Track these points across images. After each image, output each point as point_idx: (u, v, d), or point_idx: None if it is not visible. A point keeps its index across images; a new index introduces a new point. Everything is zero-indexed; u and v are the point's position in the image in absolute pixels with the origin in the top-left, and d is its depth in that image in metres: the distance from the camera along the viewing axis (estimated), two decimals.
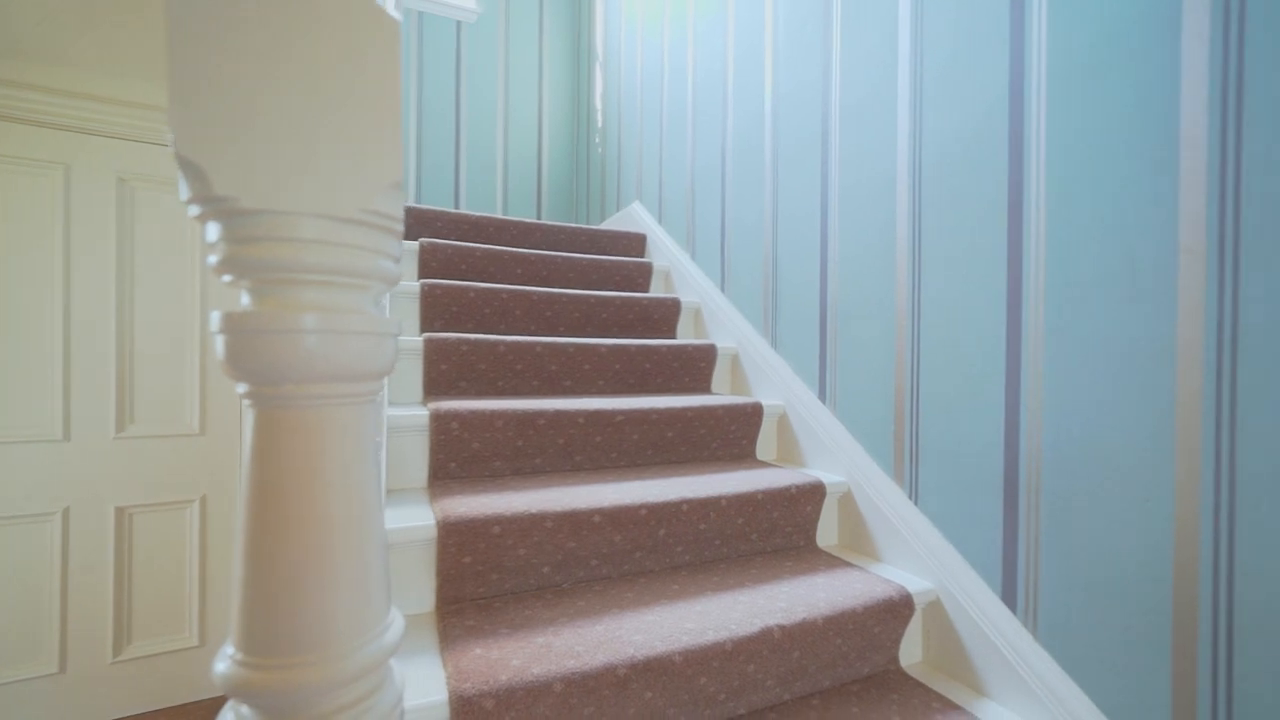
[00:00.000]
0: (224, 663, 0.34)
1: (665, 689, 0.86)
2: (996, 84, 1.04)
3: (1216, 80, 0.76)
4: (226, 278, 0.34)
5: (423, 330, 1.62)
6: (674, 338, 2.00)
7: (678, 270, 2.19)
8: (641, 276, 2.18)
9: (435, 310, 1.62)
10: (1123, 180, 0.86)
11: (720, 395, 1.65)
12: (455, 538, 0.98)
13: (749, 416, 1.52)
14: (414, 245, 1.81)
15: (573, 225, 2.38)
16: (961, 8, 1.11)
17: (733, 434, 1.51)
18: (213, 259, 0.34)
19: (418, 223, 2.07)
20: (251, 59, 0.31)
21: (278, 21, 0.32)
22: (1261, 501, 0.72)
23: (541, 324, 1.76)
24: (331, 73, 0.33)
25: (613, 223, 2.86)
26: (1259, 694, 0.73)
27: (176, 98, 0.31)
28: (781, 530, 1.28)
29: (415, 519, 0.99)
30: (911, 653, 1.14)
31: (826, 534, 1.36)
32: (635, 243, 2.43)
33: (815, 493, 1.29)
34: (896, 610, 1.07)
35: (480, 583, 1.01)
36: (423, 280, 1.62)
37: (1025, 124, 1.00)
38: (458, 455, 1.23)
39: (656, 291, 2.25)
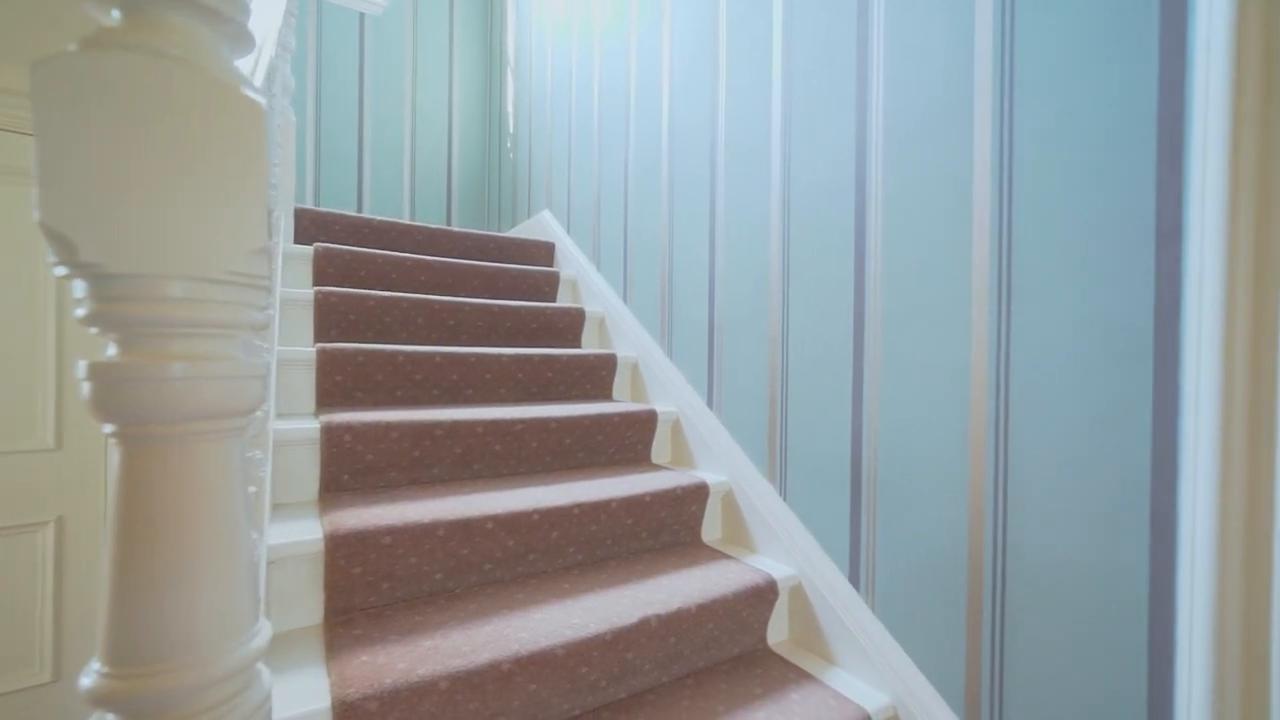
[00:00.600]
0: (90, 678, 0.38)
1: (548, 680, 0.94)
2: (845, 139, 1.21)
3: (996, 153, 0.95)
4: (94, 330, 0.38)
5: (317, 340, 1.59)
6: (579, 346, 2.08)
7: (584, 280, 2.27)
8: (549, 285, 2.24)
9: (331, 319, 1.59)
10: (933, 227, 1.04)
11: (619, 403, 1.75)
12: (344, 550, 1.00)
13: (644, 423, 1.62)
14: (308, 250, 1.77)
15: (481, 232, 2.39)
16: (820, 73, 1.26)
17: (629, 440, 1.61)
18: (80, 312, 0.38)
19: (314, 226, 2.00)
20: (115, 138, 0.36)
21: (140, 104, 0.36)
22: (1025, 493, 0.91)
23: (445, 333, 1.78)
24: (193, 150, 0.38)
25: (523, 230, 2.89)
26: (1021, 640, 0.91)
27: (43, 173, 0.34)
28: (669, 528, 1.39)
29: (302, 533, 1.00)
30: (779, 631, 1.29)
31: (711, 529, 1.49)
32: (544, 251, 2.48)
33: (700, 493, 1.42)
34: (763, 595, 1.21)
35: (371, 592, 1.03)
36: (317, 288, 1.59)
37: (867, 176, 1.16)
38: (351, 467, 1.24)
39: (564, 300, 2.32)
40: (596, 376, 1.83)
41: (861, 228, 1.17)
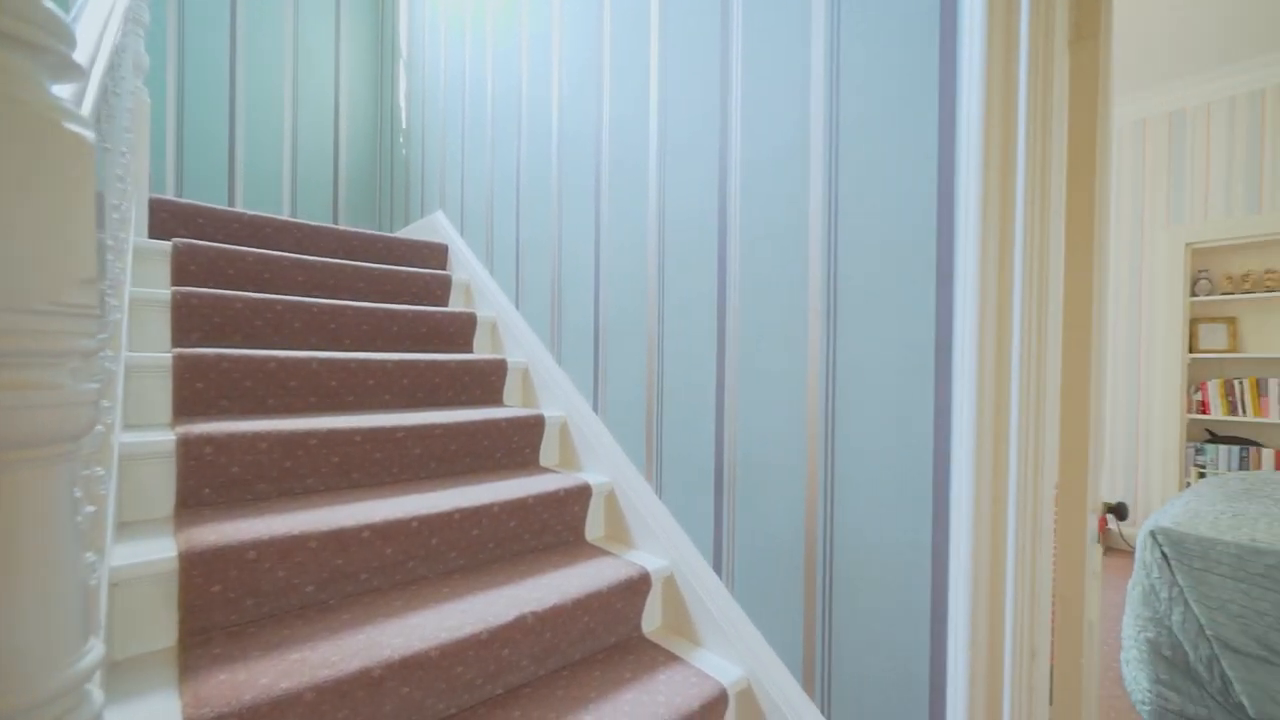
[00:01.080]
0: None
1: (422, 683, 0.96)
2: (710, 169, 1.33)
3: (829, 191, 1.10)
4: None
5: (175, 344, 1.48)
6: (470, 351, 2.08)
7: (478, 284, 2.27)
8: (440, 288, 2.21)
9: (192, 322, 1.49)
10: (777, 253, 1.18)
11: (509, 408, 1.78)
12: (201, 567, 0.96)
13: (532, 428, 1.67)
14: (165, 246, 1.63)
15: (368, 231, 2.31)
16: (693, 105, 1.38)
17: (516, 444, 1.65)
18: None
19: (174, 219, 1.85)
20: None
21: None
22: (848, 484, 1.07)
23: (324, 338, 1.72)
24: (13, 184, 0.39)
25: (416, 230, 2.82)
26: (844, 609, 1.07)
27: None
28: (552, 529, 1.46)
29: (152, 552, 0.96)
30: (653, 619, 1.39)
31: (594, 528, 1.57)
32: (436, 253, 2.44)
33: (583, 494, 1.49)
34: (637, 588, 1.30)
35: (232, 610, 1.01)
36: (176, 288, 1.48)
37: (727, 204, 1.29)
38: (212, 481, 1.18)
39: (457, 304, 2.30)
40: (487, 382, 1.85)
41: (723, 252, 1.30)
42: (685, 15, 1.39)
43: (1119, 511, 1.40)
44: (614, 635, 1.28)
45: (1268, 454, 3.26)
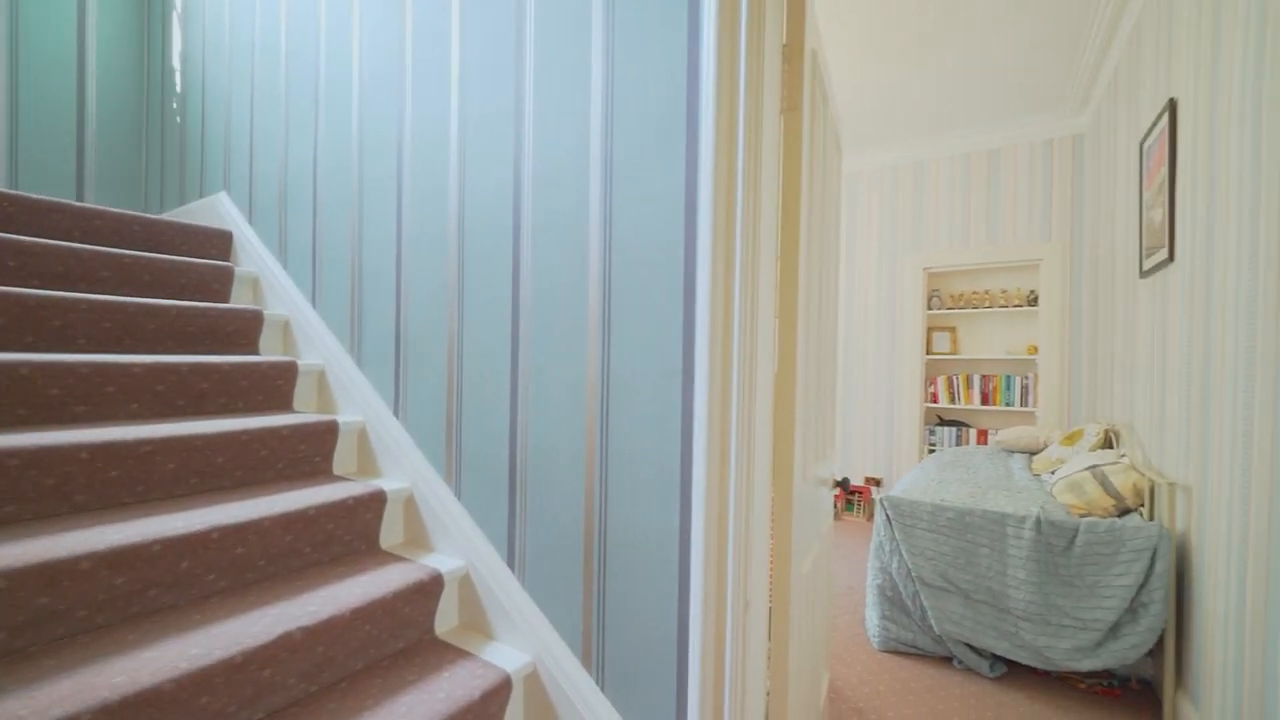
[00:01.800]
0: None
1: None
2: (505, 177, 1.38)
3: (602, 214, 1.22)
4: None
5: None
6: (256, 353, 1.89)
7: (269, 279, 2.06)
8: (220, 282, 1.97)
9: None
10: (564, 266, 1.28)
11: (297, 414, 1.66)
12: None
13: (322, 434, 1.58)
14: None
15: (121, 211, 1.97)
16: (486, 106, 1.42)
17: (303, 453, 1.55)
18: None
19: None
20: None
21: None
22: (618, 476, 1.19)
23: (48, 336, 1.44)
24: None
25: (192, 212, 2.46)
26: (615, 590, 1.20)
27: None
28: (340, 539, 1.40)
29: None
30: (449, 619, 1.41)
31: (392, 535, 1.53)
32: (217, 241, 2.17)
33: (376, 501, 1.45)
34: (428, 590, 1.31)
35: None
36: None
37: (521, 213, 1.36)
38: None
39: (243, 301, 2.07)
40: (272, 387, 1.70)
41: (517, 258, 1.36)
42: (485, 21, 1.43)
43: (844, 485, 1.73)
44: (402, 640, 1.28)
45: (974, 433, 4.21)
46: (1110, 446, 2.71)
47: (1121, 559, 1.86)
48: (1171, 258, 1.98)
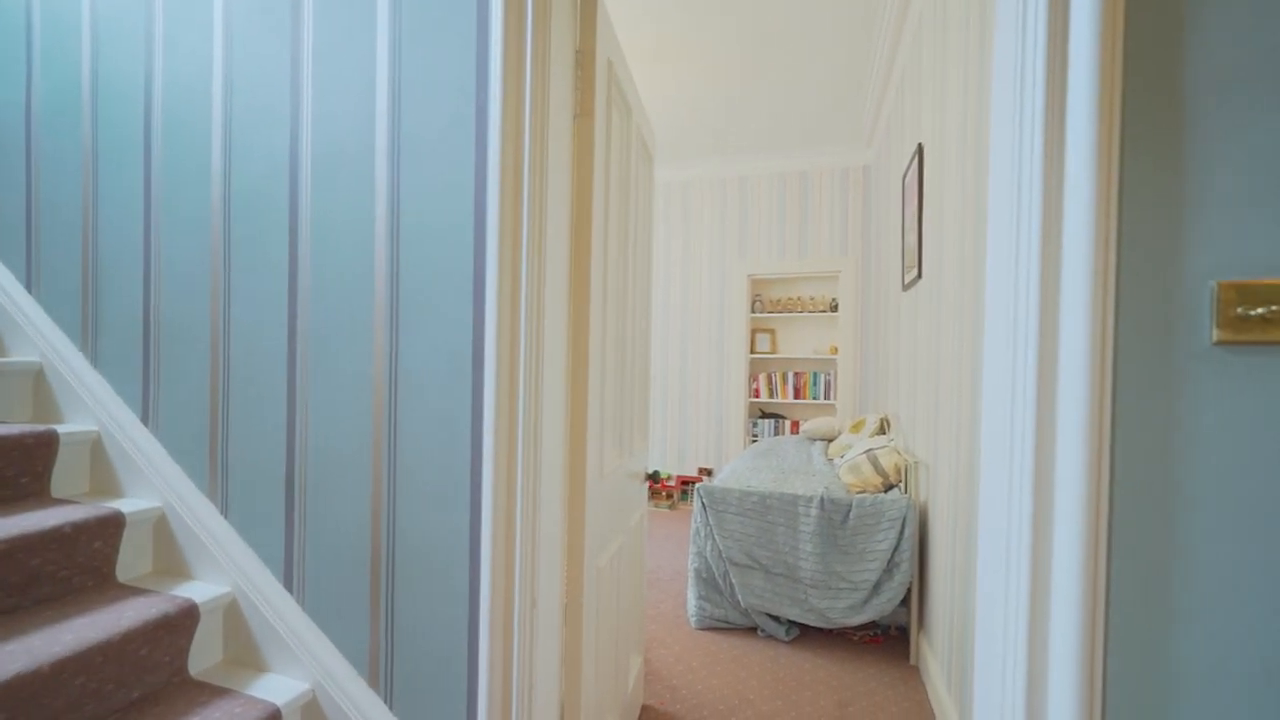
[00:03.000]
0: None
1: None
2: (279, 147, 1.24)
3: (390, 203, 1.14)
4: None
5: None
6: None
7: None
8: None
9: None
10: (349, 249, 1.18)
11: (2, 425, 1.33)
12: None
13: (32, 449, 1.28)
14: None
15: None
16: (258, 82, 1.26)
17: (6, 474, 1.24)
18: None
19: None
20: None
21: None
22: (407, 479, 1.13)
23: None
24: None
25: None
26: (404, 601, 1.13)
27: None
28: (55, 576, 1.14)
29: None
30: (211, 654, 1.22)
31: (137, 564, 1.29)
32: None
33: (108, 526, 1.21)
34: (174, 625, 1.13)
35: None
36: None
37: (299, 192, 1.22)
38: None
39: None
40: None
41: (295, 242, 1.23)
42: None
43: (654, 478, 1.82)
44: (140, 688, 1.08)
45: (788, 424, 4.73)
46: (884, 432, 3.22)
47: (882, 527, 2.22)
48: (920, 275, 2.39)
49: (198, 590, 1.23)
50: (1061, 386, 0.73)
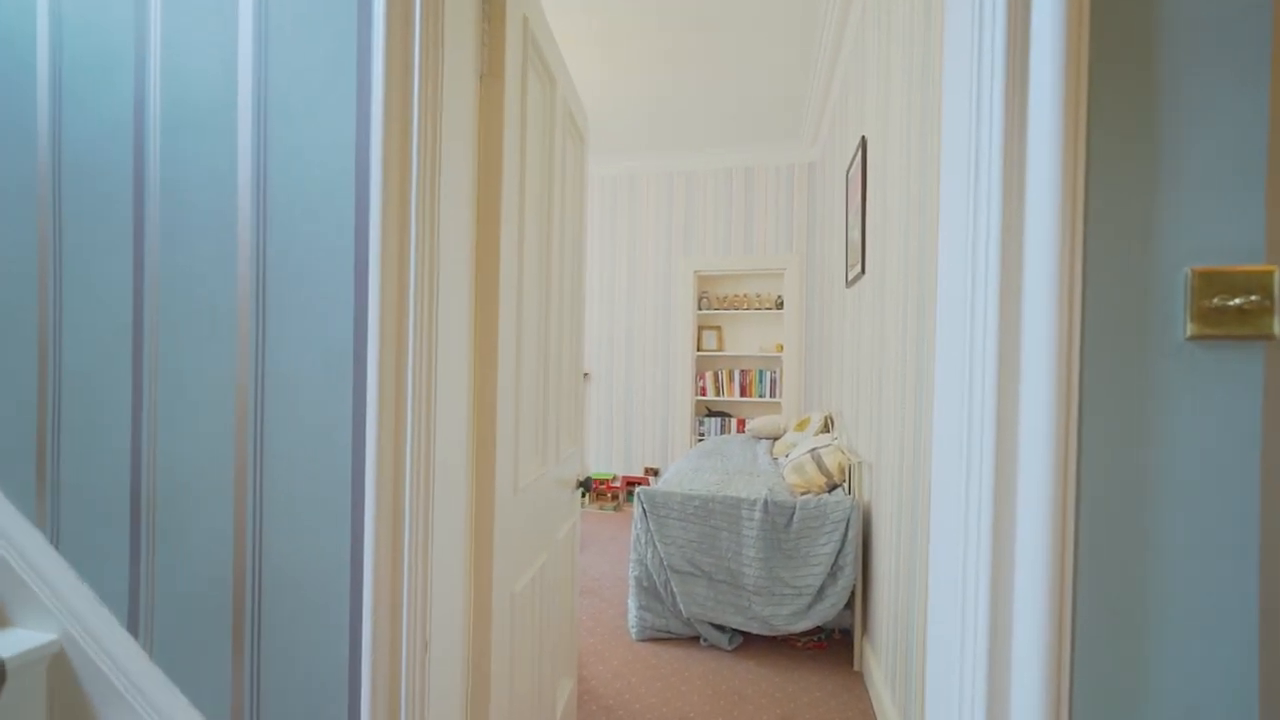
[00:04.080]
0: None
1: None
2: (121, 104, 1.02)
3: (259, 167, 0.95)
4: None
5: None
6: None
7: None
8: None
9: None
10: (208, 228, 0.98)
11: None
12: None
13: None
14: None
15: None
16: (93, 27, 1.03)
17: None
18: None
19: None
20: None
21: None
22: (277, 497, 0.95)
23: None
24: None
25: None
26: (274, 638, 0.95)
27: None
28: None
29: None
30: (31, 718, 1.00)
31: None
32: None
33: None
34: None
35: None
36: None
37: (145, 157, 1.01)
38: None
39: None
40: None
41: (141, 218, 1.01)
42: None
43: (586, 485, 1.68)
44: None
45: (734, 422, 4.69)
46: (828, 430, 3.19)
47: (825, 530, 2.16)
48: (863, 271, 2.35)
49: (15, 640, 1.00)
50: (1025, 385, 0.64)
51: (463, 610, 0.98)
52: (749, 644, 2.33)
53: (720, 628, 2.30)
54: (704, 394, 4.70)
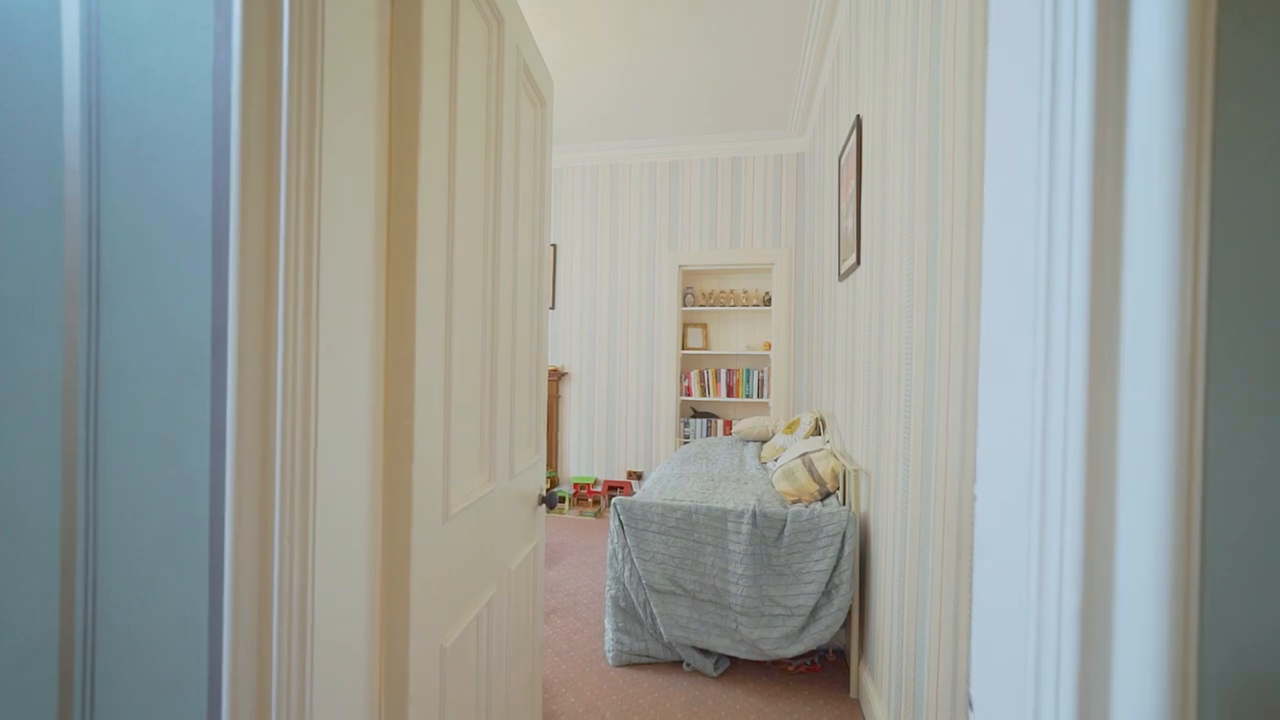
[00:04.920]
0: None
1: None
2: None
3: (89, 103, 0.73)
4: None
5: None
6: None
7: None
8: None
9: None
10: (26, 184, 0.75)
11: None
12: None
13: None
14: None
15: None
16: None
17: None
18: None
19: None
20: None
21: None
22: (116, 537, 0.72)
23: None
24: None
25: None
26: (115, 686, 0.72)
27: None
28: None
29: None
30: None
31: None
32: None
33: None
34: None
35: None
36: None
37: None
38: None
39: None
40: None
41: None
42: None
43: (550, 500, 1.46)
44: None
45: (721, 423, 4.50)
46: (819, 433, 3.01)
47: (819, 545, 1.96)
48: (859, 262, 2.16)
49: None
50: (1124, 393, 0.44)
51: (365, 679, 0.76)
52: (736, 668, 2.13)
53: (705, 652, 2.10)
54: (689, 394, 4.50)
